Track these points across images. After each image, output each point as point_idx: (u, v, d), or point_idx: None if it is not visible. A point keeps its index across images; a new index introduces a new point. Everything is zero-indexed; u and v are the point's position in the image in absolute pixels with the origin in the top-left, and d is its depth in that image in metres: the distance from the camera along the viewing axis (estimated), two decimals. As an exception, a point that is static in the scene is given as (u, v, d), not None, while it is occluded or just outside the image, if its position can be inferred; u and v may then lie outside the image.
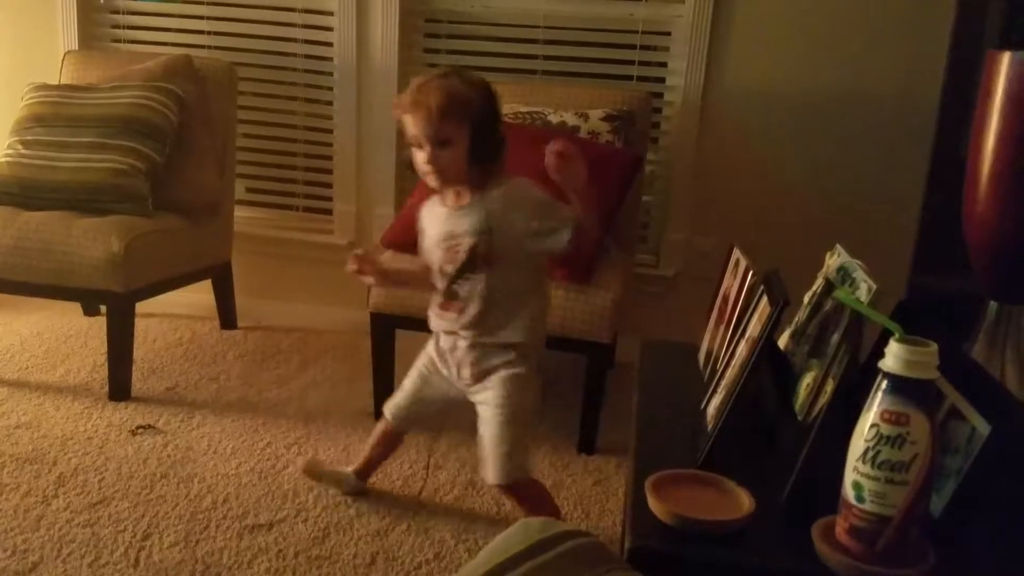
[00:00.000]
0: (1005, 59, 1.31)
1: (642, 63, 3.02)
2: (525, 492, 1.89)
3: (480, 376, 1.85)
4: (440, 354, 1.92)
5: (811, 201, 2.93)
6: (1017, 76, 1.29)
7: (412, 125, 1.69)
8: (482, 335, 1.82)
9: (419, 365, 1.99)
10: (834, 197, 2.90)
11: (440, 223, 1.81)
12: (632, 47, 3.01)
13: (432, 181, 1.73)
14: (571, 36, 3.03)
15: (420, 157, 1.71)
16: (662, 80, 3.01)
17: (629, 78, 3.02)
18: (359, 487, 2.13)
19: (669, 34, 2.97)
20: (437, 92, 1.66)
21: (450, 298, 1.83)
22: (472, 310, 1.79)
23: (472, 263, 1.77)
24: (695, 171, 3.00)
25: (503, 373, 1.83)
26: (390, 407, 2.04)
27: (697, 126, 2.96)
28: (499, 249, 1.75)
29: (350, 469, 2.13)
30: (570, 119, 2.71)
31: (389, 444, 2.11)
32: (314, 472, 2.14)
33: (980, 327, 1.36)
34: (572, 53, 3.05)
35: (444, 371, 1.92)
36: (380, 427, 2.09)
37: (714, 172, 2.99)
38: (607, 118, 2.71)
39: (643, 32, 2.99)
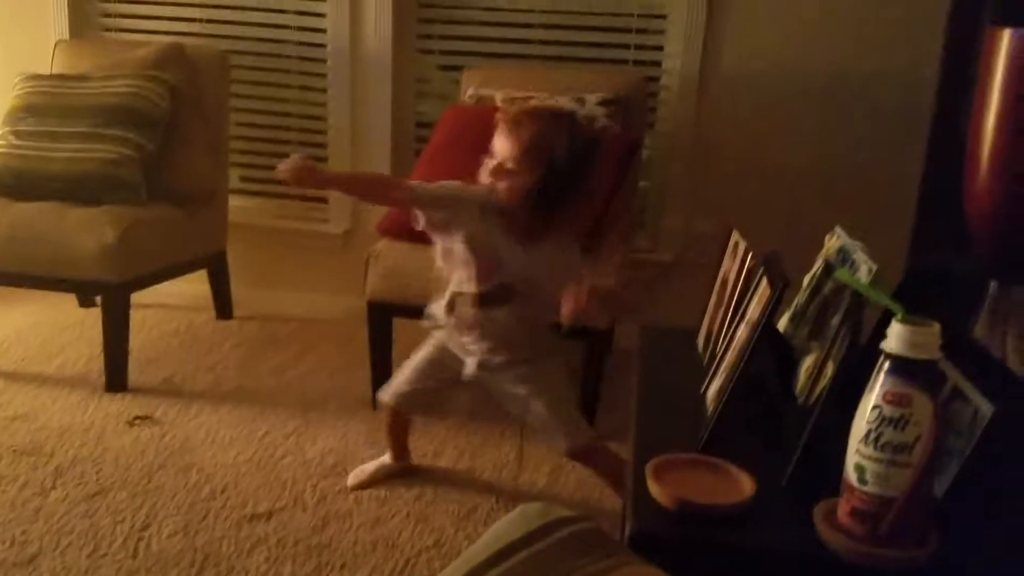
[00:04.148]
0: (1005, 35, 1.30)
1: (638, 47, 2.99)
2: (595, 457, 1.97)
3: (491, 373, 1.91)
4: (453, 343, 1.95)
5: (809, 183, 2.91)
6: (1018, 52, 1.28)
7: (499, 137, 1.74)
8: (499, 352, 1.89)
9: (429, 348, 2.00)
10: (833, 178, 2.89)
11: (488, 232, 1.80)
12: (628, 31, 2.98)
13: (488, 188, 1.76)
14: (567, 20, 3.01)
15: (490, 162, 1.75)
16: (658, 64, 2.99)
17: (625, 62, 3.00)
18: (406, 467, 2.17)
19: (665, 17, 2.95)
20: (532, 128, 1.71)
21: (472, 318, 1.86)
22: (483, 331, 1.86)
23: (503, 299, 1.82)
24: (692, 155, 2.98)
25: (521, 369, 1.90)
26: (391, 394, 2.04)
27: (694, 109, 2.94)
28: (528, 291, 1.81)
29: (387, 459, 2.16)
30: (567, 104, 2.68)
31: (403, 426, 2.14)
32: (363, 484, 2.11)
33: (981, 307, 1.35)
34: (568, 37, 3.02)
35: (459, 353, 1.94)
36: (387, 417, 2.12)
37: (711, 156, 2.97)
38: (603, 103, 2.69)
39: (639, 15, 2.96)
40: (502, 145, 1.73)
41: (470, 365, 1.91)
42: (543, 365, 1.92)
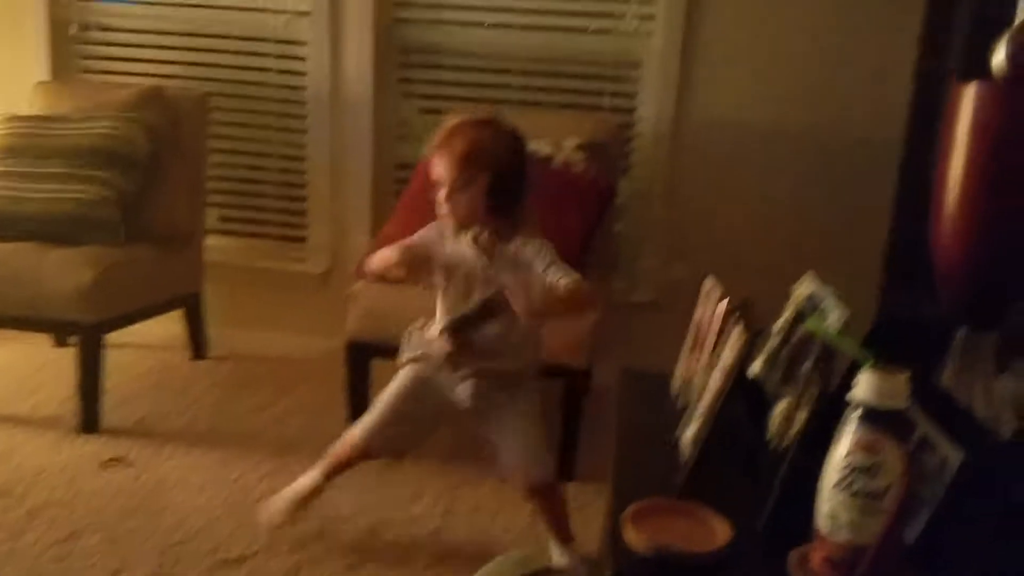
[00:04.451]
0: (971, 89, 1.34)
1: (614, 94, 3.05)
2: (552, 497, 1.93)
3: (486, 394, 1.86)
4: (433, 368, 1.90)
5: (783, 228, 2.96)
6: (982, 105, 1.32)
7: (436, 165, 1.75)
8: (486, 367, 1.84)
9: (404, 382, 1.94)
10: (805, 223, 2.94)
11: (456, 252, 1.81)
12: (604, 78, 3.05)
13: (447, 220, 1.78)
14: (544, 67, 3.06)
15: (439, 195, 1.75)
16: (633, 110, 3.05)
17: (601, 108, 3.05)
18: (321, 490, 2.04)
19: (639, 66, 3.01)
20: (463, 140, 1.73)
21: (462, 339, 1.81)
22: (482, 350, 1.82)
23: (489, 314, 1.79)
24: (667, 199, 3.03)
25: (514, 392, 1.87)
26: (365, 432, 1.95)
27: (668, 155, 2.99)
28: (507, 297, 1.75)
29: (310, 481, 2.01)
30: (544, 148, 2.72)
31: (347, 467, 2.02)
32: (289, 519, 2.03)
33: (949, 354, 1.38)
34: (545, 83, 3.08)
35: (438, 384, 1.89)
36: (350, 454, 1.99)
37: (685, 200, 3.02)
38: (580, 147, 2.73)
39: (614, 63, 3.02)
40: (443, 167, 1.74)
41: (464, 390, 1.86)
42: (527, 392, 1.90)
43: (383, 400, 1.96)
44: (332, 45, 3.08)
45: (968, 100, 1.34)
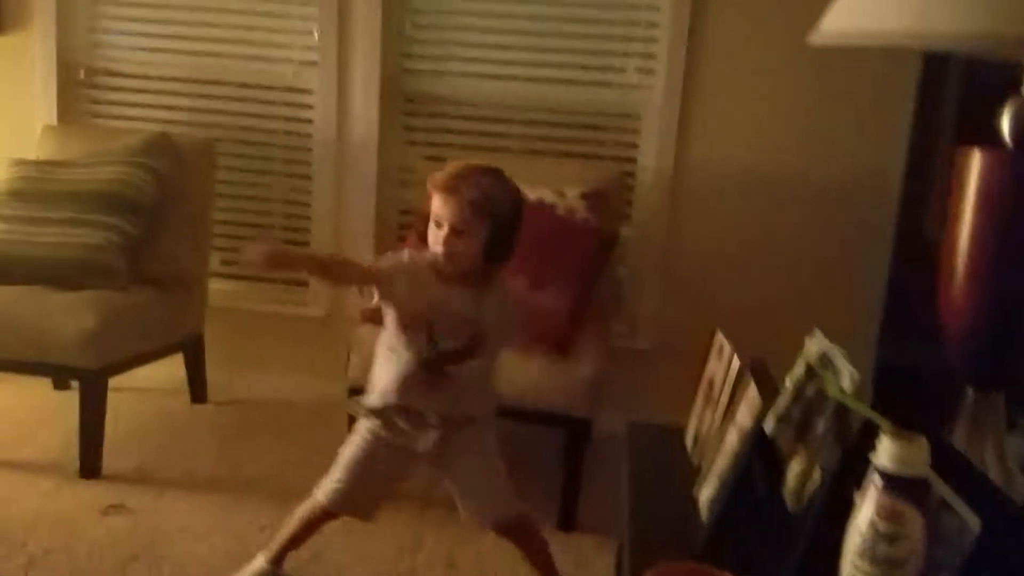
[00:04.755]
0: (975, 155, 1.36)
1: (614, 143, 3.10)
2: (524, 532, 1.97)
3: (446, 444, 1.89)
4: (390, 427, 1.90)
5: (780, 274, 2.99)
6: (987, 171, 1.35)
7: (439, 205, 1.77)
8: (453, 411, 1.87)
9: (361, 441, 1.94)
10: (804, 273, 2.97)
11: (441, 292, 1.82)
12: (605, 128, 3.10)
13: (440, 259, 1.79)
14: (546, 117, 3.11)
15: (436, 234, 1.77)
16: (634, 160, 3.09)
17: (602, 157, 3.09)
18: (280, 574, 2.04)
19: (639, 118, 3.06)
20: (474, 186, 1.75)
21: (437, 374, 1.83)
22: (454, 389, 1.85)
23: (471, 351, 1.83)
24: (667, 246, 3.06)
25: (473, 432, 1.91)
26: (329, 493, 1.95)
27: (668, 203, 3.04)
28: (491, 342, 1.85)
29: (262, 559, 2.03)
30: (547, 196, 2.75)
31: (314, 528, 2.03)
32: None
33: (959, 413, 1.39)
34: (547, 133, 3.12)
35: (396, 441, 1.90)
36: (309, 511, 1.99)
37: (685, 247, 3.05)
38: (583, 196, 2.76)
39: (616, 115, 3.08)
40: (446, 211, 1.75)
41: (428, 439, 1.88)
42: (484, 431, 1.93)
43: (343, 461, 1.96)
44: (339, 94, 3.12)
45: (974, 166, 1.37)
